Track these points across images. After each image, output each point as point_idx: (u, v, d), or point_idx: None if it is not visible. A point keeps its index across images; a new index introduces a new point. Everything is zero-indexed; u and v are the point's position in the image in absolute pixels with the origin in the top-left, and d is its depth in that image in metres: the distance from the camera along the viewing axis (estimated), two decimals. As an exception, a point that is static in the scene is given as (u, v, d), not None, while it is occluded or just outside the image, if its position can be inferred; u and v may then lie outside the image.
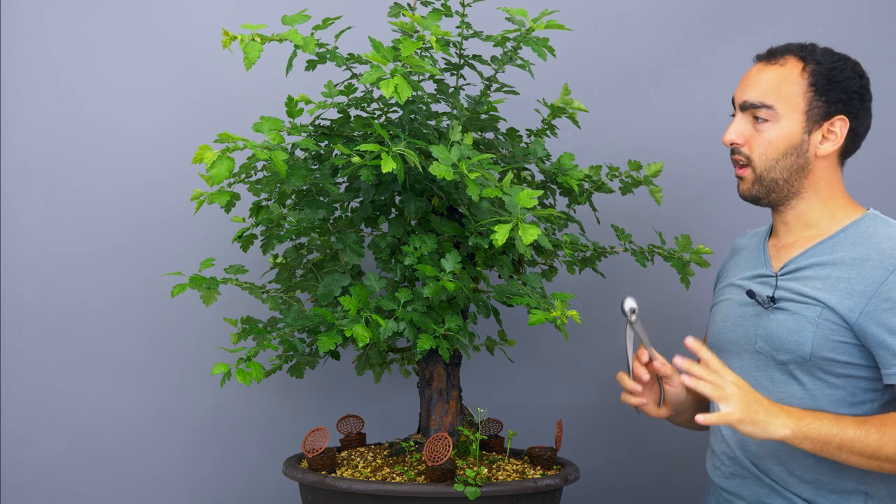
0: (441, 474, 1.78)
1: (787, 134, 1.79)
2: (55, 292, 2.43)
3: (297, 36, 1.70)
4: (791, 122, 1.78)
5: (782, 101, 1.78)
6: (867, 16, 2.51)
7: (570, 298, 1.79)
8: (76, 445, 2.43)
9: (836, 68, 1.79)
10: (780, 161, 1.79)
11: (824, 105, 1.78)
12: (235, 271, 2.01)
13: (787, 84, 1.78)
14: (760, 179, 1.81)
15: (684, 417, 1.96)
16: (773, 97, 1.78)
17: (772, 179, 1.81)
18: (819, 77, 1.78)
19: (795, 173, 1.80)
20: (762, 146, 1.80)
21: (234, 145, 1.66)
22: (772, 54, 1.83)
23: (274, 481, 2.34)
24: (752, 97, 1.80)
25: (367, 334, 1.74)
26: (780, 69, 1.80)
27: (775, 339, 1.78)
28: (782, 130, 1.79)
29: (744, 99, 1.81)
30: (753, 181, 1.82)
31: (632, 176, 2.17)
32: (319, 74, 1.97)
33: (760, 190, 1.82)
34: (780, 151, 1.79)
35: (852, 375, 1.74)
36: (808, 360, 1.74)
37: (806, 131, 1.79)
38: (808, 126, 1.79)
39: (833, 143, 1.80)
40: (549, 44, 1.88)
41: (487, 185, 1.71)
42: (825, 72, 1.79)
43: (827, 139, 1.80)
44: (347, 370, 2.39)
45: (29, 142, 2.42)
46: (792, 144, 1.79)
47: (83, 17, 2.42)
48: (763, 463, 1.81)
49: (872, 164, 2.43)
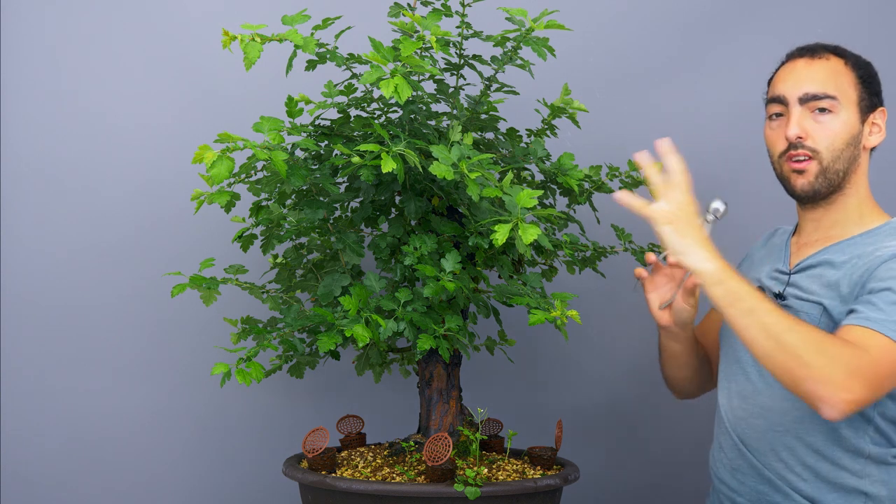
0: (441, 474, 1.78)
1: (850, 124, 1.81)
2: (55, 292, 2.42)
3: (297, 36, 1.70)
4: (850, 113, 1.81)
5: (841, 91, 1.80)
6: (867, 16, 2.51)
7: (570, 298, 1.78)
8: (76, 445, 2.42)
9: (867, 63, 1.85)
10: (843, 151, 1.81)
11: (868, 97, 1.83)
12: (235, 271, 2.00)
13: (842, 76, 1.82)
14: (826, 172, 1.81)
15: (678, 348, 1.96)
16: (833, 88, 1.80)
17: (836, 171, 1.81)
18: (861, 70, 1.83)
19: (851, 164, 1.82)
20: (828, 137, 1.80)
21: (234, 145, 1.66)
22: (811, 50, 1.85)
23: (274, 481, 2.34)
24: (813, 89, 1.80)
25: (367, 334, 1.74)
26: (827, 62, 1.83)
27: None
28: (845, 120, 1.80)
29: (804, 91, 1.81)
30: (818, 174, 1.81)
31: (632, 176, 2.17)
32: (319, 74, 1.97)
33: (823, 183, 1.82)
34: (845, 141, 1.80)
35: None
36: None
37: (861, 122, 1.82)
38: (861, 117, 1.82)
39: (879, 135, 1.84)
40: (549, 44, 1.88)
41: (487, 185, 1.71)
42: (862, 66, 1.84)
43: (873, 131, 1.84)
44: (347, 370, 2.39)
45: (29, 142, 2.42)
46: (853, 134, 1.81)
47: (83, 17, 2.42)
48: (763, 458, 1.81)
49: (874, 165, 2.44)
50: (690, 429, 2.24)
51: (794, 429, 1.78)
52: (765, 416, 1.81)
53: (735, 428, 1.86)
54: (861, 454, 1.75)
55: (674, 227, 1.66)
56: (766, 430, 1.80)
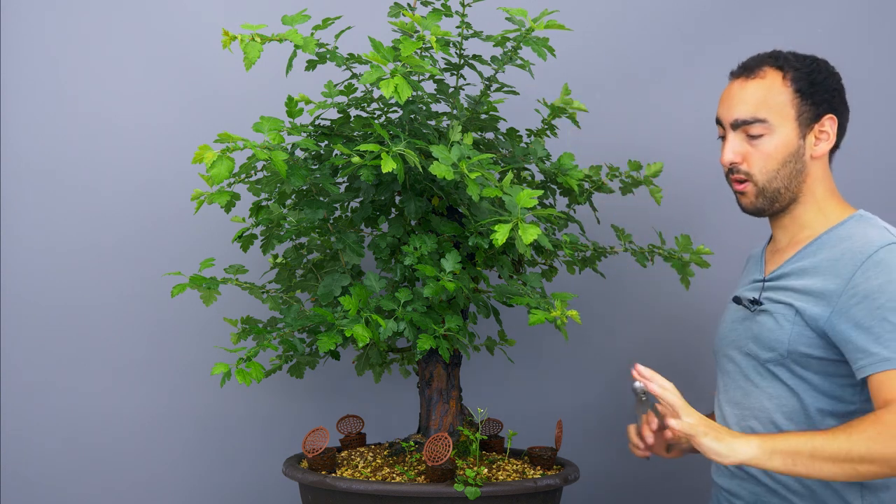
0: (441, 474, 1.78)
1: (784, 143, 1.80)
2: (55, 292, 2.42)
3: (297, 36, 1.70)
4: (786, 131, 1.80)
5: (773, 112, 1.79)
6: (867, 16, 2.51)
7: (570, 298, 1.78)
8: (76, 445, 2.42)
9: (813, 70, 1.81)
10: (780, 171, 1.81)
11: (812, 108, 1.80)
12: (235, 271, 2.00)
13: (774, 95, 1.80)
14: (763, 192, 1.82)
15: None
16: (764, 110, 1.79)
17: (774, 189, 1.82)
18: (801, 82, 1.80)
19: (794, 179, 1.82)
20: (761, 160, 1.81)
21: (234, 145, 1.66)
22: (748, 68, 1.83)
23: (274, 481, 2.34)
24: (742, 114, 1.80)
25: (367, 334, 1.74)
26: (762, 82, 1.81)
27: (760, 340, 1.81)
28: (779, 141, 1.80)
29: (734, 118, 1.81)
30: (756, 194, 1.83)
31: (632, 176, 2.17)
32: (319, 74, 1.97)
33: (764, 202, 1.83)
34: (780, 161, 1.80)
35: (831, 371, 1.75)
36: (787, 356, 1.76)
37: (801, 137, 1.80)
38: (801, 131, 1.80)
39: (827, 143, 1.82)
40: (549, 44, 1.88)
41: (487, 185, 1.71)
42: (805, 76, 1.80)
43: (820, 139, 1.81)
44: (347, 370, 2.39)
45: (29, 142, 2.42)
46: (790, 152, 1.80)
47: (83, 17, 2.42)
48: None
49: (871, 165, 2.43)
50: (690, 429, 2.23)
51: (786, 428, 1.78)
52: (755, 417, 1.82)
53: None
54: None
55: (712, 435, 1.66)
56: (758, 432, 1.81)
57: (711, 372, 2.06)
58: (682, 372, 2.51)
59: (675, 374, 2.50)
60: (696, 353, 2.46)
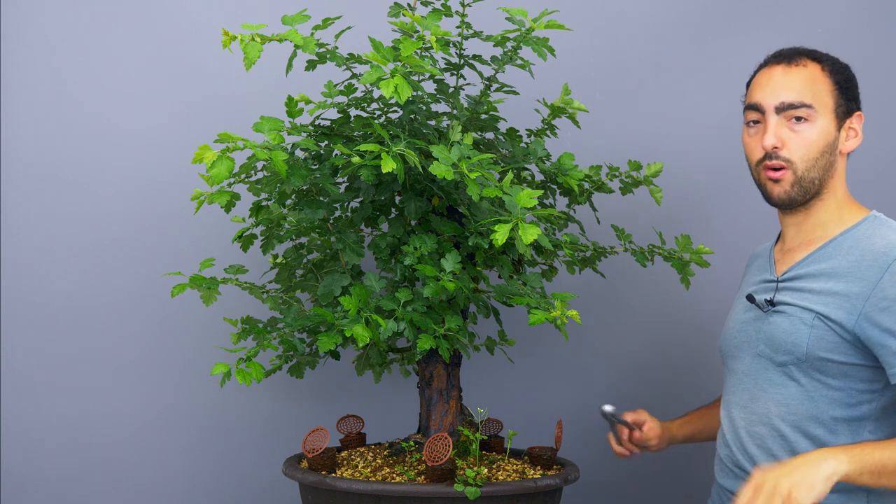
0: (441, 474, 1.78)
1: (825, 132, 1.80)
2: (55, 292, 2.42)
3: (296, 36, 1.70)
4: (826, 121, 1.80)
5: (817, 100, 1.80)
6: (867, 16, 2.51)
7: (570, 298, 1.78)
8: (76, 445, 2.42)
9: (845, 67, 1.84)
10: (818, 160, 1.81)
11: (846, 103, 1.82)
12: (235, 271, 2.00)
13: (818, 83, 1.81)
14: (801, 181, 1.81)
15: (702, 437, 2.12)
16: (810, 96, 1.80)
17: (811, 180, 1.81)
18: (839, 76, 1.82)
19: (826, 171, 1.82)
20: (803, 146, 1.80)
21: (233, 145, 1.66)
22: (788, 56, 1.84)
23: (274, 481, 2.34)
24: (789, 98, 1.80)
25: (367, 334, 1.74)
26: (804, 70, 1.82)
27: (774, 342, 1.79)
28: (821, 129, 1.80)
29: (781, 100, 1.80)
30: (793, 183, 1.82)
31: (632, 176, 2.17)
32: (320, 74, 1.97)
33: (799, 192, 1.82)
34: (820, 150, 1.80)
35: (850, 376, 1.74)
36: (805, 360, 1.75)
37: (837, 129, 1.82)
38: (838, 123, 1.82)
39: (856, 139, 1.84)
40: (549, 44, 1.88)
41: (488, 185, 1.71)
42: (840, 70, 1.83)
43: (849, 136, 1.84)
44: (348, 370, 2.39)
45: (29, 142, 2.41)
46: (829, 142, 1.81)
47: (83, 17, 2.42)
48: (763, 464, 1.81)
49: (874, 165, 2.43)
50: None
51: (793, 433, 1.78)
52: (763, 422, 1.81)
53: (736, 437, 1.86)
54: None
55: (793, 483, 1.60)
56: (765, 437, 1.81)
57: (712, 372, 2.06)
58: (683, 372, 2.52)
59: (676, 374, 2.52)
60: (697, 353, 2.46)
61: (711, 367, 2.07)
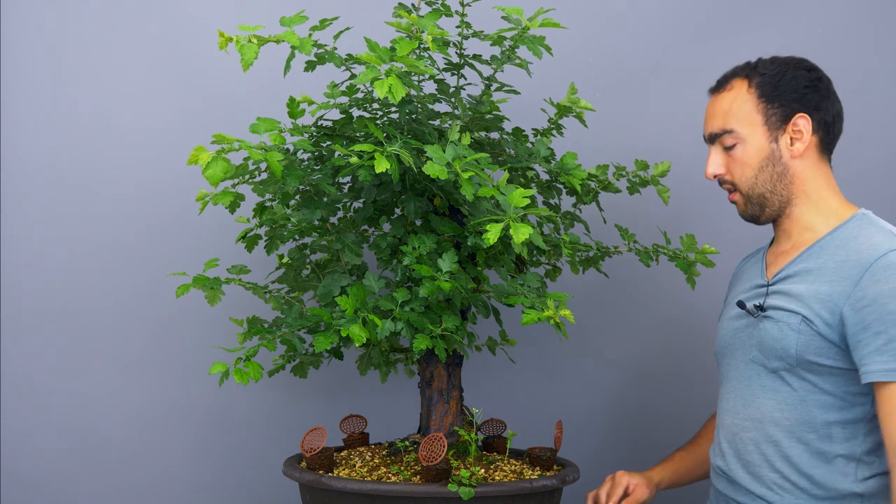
0: (436, 474, 1.78)
1: (756, 149, 1.83)
2: (56, 292, 2.42)
3: (293, 37, 1.71)
4: (755, 138, 1.83)
5: (739, 121, 1.84)
6: (867, 15, 2.48)
7: (564, 298, 1.77)
8: (76, 445, 2.42)
9: (779, 73, 1.83)
10: (758, 176, 1.84)
11: (780, 110, 1.82)
12: (239, 271, 2.01)
13: (738, 104, 1.84)
14: (749, 199, 1.86)
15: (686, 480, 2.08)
16: (731, 121, 1.84)
17: (759, 195, 1.85)
18: (765, 87, 1.83)
19: (778, 182, 1.84)
20: (739, 168, 1.85)
21: (229, 146, 1.67)
22: (720, 84, 1.90)
23: (275, 481, 2.34)
24: (713, 128, 1.87)
25: (363, 334, 1.74)
26: (729, 94, 1.86)
27: (765, 348, 1.80)
28: (750, 147, 1.84)
29: (709, 131, 1.88)
30: (745, 202, 1.87)
31: (639, 175, 2.15)
32: (321, 75, 1.98)
33: (754, 209, 1.87)
34: (757, 167, 1.84)
35: (841, 379, 1.74)
36: (796, 364, 1.75)
37: (772, 140, 1.83)
38: (771, 134, 1.83)
39: (803, 141, 1.82)
40: (550, 43, 1.87)
41: (484, 185, 1.71)
42: (769, 80, 1.83)
43: (795, 139, 1.83)
44: (351, 370, 2.39)
45: (29, 142, 2.42)
46: (764, 157, 1.83)
47: (83, 18, 2.42)
48: (759, 471, 1.81)
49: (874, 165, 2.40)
50: (690, 429, 2.21)
51: (786, 438, 1.76)
52: (757, 427, 1.80)
53: (731, 442, 1.86)
54: (853, 458, 1.74)
55: None
56: (759, 442, 1.80)
57: (714, 372, 2.04)
58: (685, 373, 2.50)
59: (678, 375, 2.50)
60: (701, 354, 2.43)
61: (713, 368, 2.05)
